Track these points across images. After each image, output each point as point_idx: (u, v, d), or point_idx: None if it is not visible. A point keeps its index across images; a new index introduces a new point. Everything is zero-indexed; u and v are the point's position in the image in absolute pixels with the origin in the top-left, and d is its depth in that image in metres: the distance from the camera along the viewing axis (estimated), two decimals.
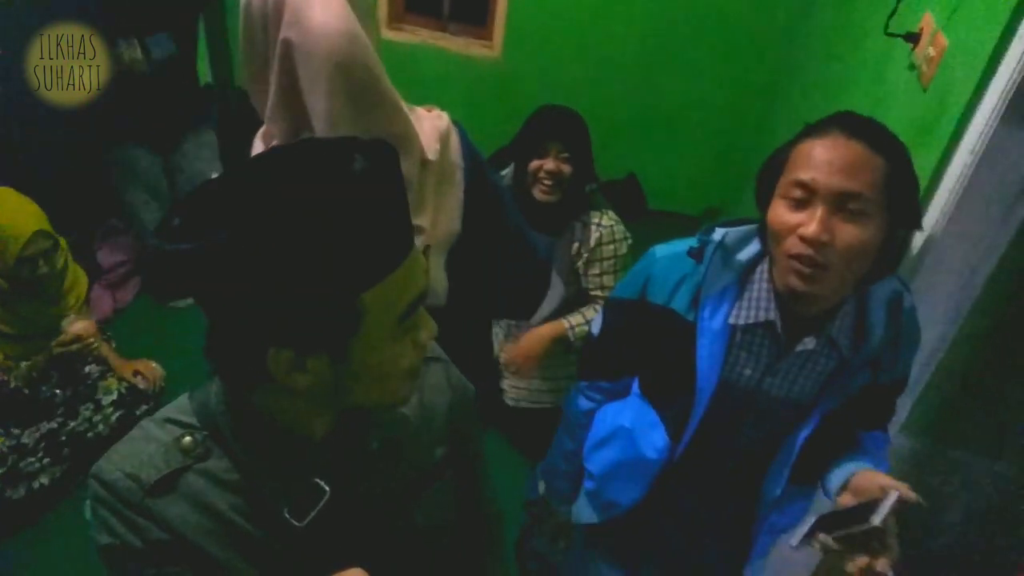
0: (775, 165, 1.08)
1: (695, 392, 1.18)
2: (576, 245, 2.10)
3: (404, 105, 1.29)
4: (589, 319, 2.13)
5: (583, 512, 1.44)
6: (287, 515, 0.73)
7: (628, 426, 1.30)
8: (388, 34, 3.56)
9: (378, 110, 1.21)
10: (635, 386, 1.33)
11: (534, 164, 1.98)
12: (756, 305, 1.13)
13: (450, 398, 0.92)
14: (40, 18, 1.98)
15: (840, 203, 0.98)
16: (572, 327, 2.13)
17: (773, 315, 1.11)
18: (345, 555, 0.75)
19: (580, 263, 2.12)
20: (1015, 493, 2.00)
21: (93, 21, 2.13)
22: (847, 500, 1.08)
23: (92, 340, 2.15)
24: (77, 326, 2.13)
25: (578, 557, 1.56)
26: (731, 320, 1.14)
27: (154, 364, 2.44)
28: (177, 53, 2.62)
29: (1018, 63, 1.14)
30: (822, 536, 1.01)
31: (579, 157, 2.00)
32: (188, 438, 0.73)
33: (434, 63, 3.60)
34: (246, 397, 0.74)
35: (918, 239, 1.35)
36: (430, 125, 1.36)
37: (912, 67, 1.51)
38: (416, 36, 3.61)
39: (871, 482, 1.05)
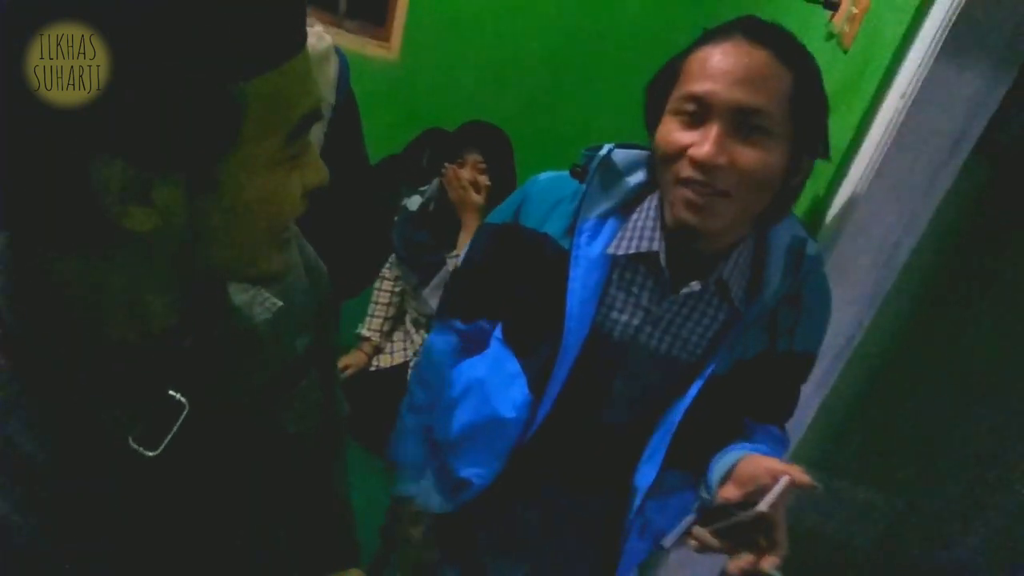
0: (667, 76, 0.91)
1: (563, 333, 0.96)
2: None
3: None
4: None
5: (431, 497, 1.16)
6: (134, 444, 0.53)
7: (483, 377, 1.06)
8: None
9: None
10: (497, 331, 1.09)
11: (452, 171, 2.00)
12: (639, 234, 0.94)
13: (307, 277, 0.75)
14: None
15: (739, 120, 0.82)
16: None
17: (657, 245, 0.92)
18: (203, 485, 0.60)
19: None
20: (897, 529, 1.89)
21: None
22: (731, 492, 0.87)
23: None
24: None
25: None
26: (610, 250, 0.95)
27: None
28: None
29: None
30: (697, 530, 0.83)
31: (497, 169, 2.01)
32: None
33: None
34: (41, 269, 0.51)
35: (838, 204, 1.21)
36: None
37: (831, 36, 1.41)
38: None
39: (758, 467, 0.86)
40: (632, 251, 0.94)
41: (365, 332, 2.21)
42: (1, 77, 0.41)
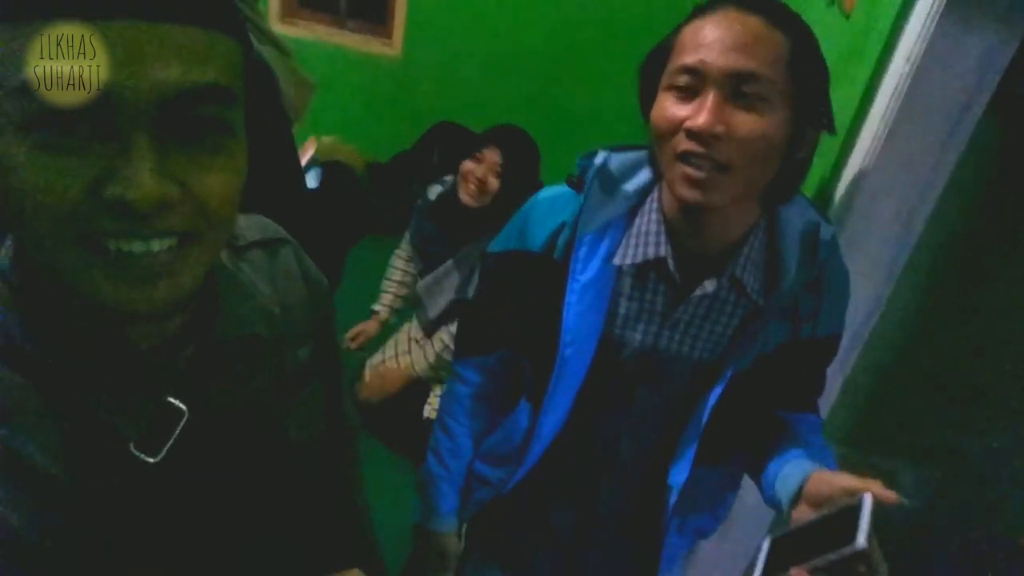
0: (658, 55, 0.87)
1: (559, 346, 0.95)
2: None
3: None
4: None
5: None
6: (135, 450, 0.54)
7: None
8: (280, 28, 3.31)
9: None
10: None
11: (467, 165, 1.93)
12: (644, 240, 0.91)
13: (305, 289, 0.74)
14: None
15: (735, 87, 0.79)
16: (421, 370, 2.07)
17: (664, 250, 0.89)
18: (207, 492, 0.60)
19: None
20: (938, 502, 1.85)
21: None
22: (805, 513, 0.83)
23: None
24: None
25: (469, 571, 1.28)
26: (616, 260, 0.92)
27: None
28: None
29: None
30: (795, 571, 0.75)
31: (512, 176, 1.92)
32: None
33: (330, 61, 3.38)
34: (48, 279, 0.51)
35: (848, 177, 1.18)
36: None
37: (832, 1, 1.37)
38: (311, 32, 3.38)
39: (831, 486, 0.80)
40: (639, 259, 0.91)
41: (376, 307, 2.27)
42: None
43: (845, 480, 0.79)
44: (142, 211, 0.44)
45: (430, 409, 2.05)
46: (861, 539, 0.71)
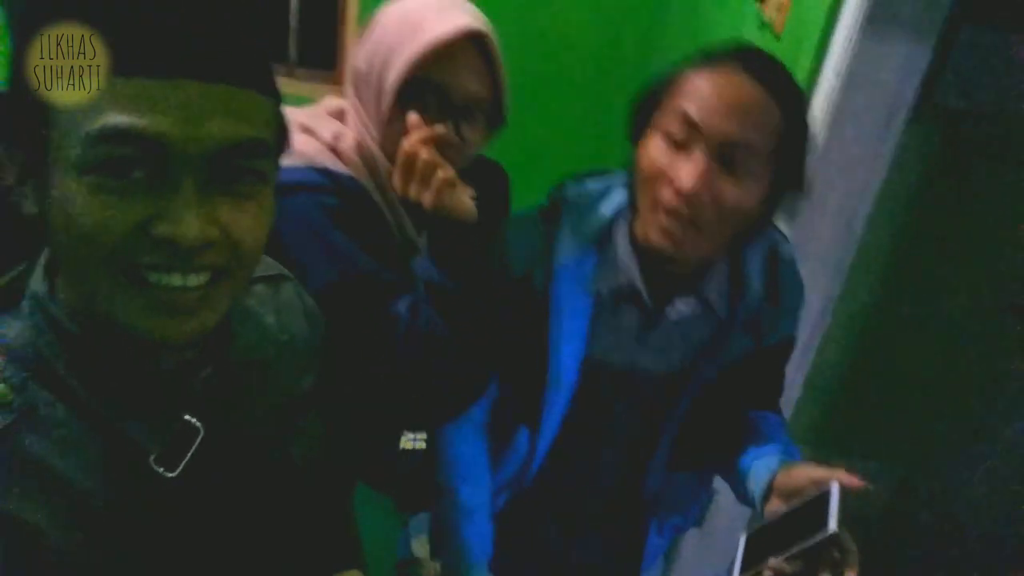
0: (657, 90, 0.90)
1: (548, 373, 0.99)
2: None
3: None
4: None
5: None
6: (154, 464, 0.57)
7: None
8: None
9: None
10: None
11: None
12: (617, 267, 0.96)
13: (306, 322, 0.78)
14: None
15: (726, 152, 0.82)
16: None
17: (636, 276, 0.94)
18: (218, 509, 0.63)
19: None
20: (897, 498, 1.91)
21: None
22: (777, 506, 0.87)
23: None
24: None
25: None
26: (592, 289, 0.97)
27: None
28: None
29: None
30: (773, 561, 0.80)
31: (486, 208, 1.88)
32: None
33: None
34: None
35: None
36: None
37: (763, 24, 1.46)
38: None
39: (799, 478, 0.85)
40: (614, 287, 0.96)
41: None
42: None
43: (812, 471, 0.84)
44: (186, 249, 0.49)
45: (405, 440, 2.03)
46: (832, 524, 0.76)
